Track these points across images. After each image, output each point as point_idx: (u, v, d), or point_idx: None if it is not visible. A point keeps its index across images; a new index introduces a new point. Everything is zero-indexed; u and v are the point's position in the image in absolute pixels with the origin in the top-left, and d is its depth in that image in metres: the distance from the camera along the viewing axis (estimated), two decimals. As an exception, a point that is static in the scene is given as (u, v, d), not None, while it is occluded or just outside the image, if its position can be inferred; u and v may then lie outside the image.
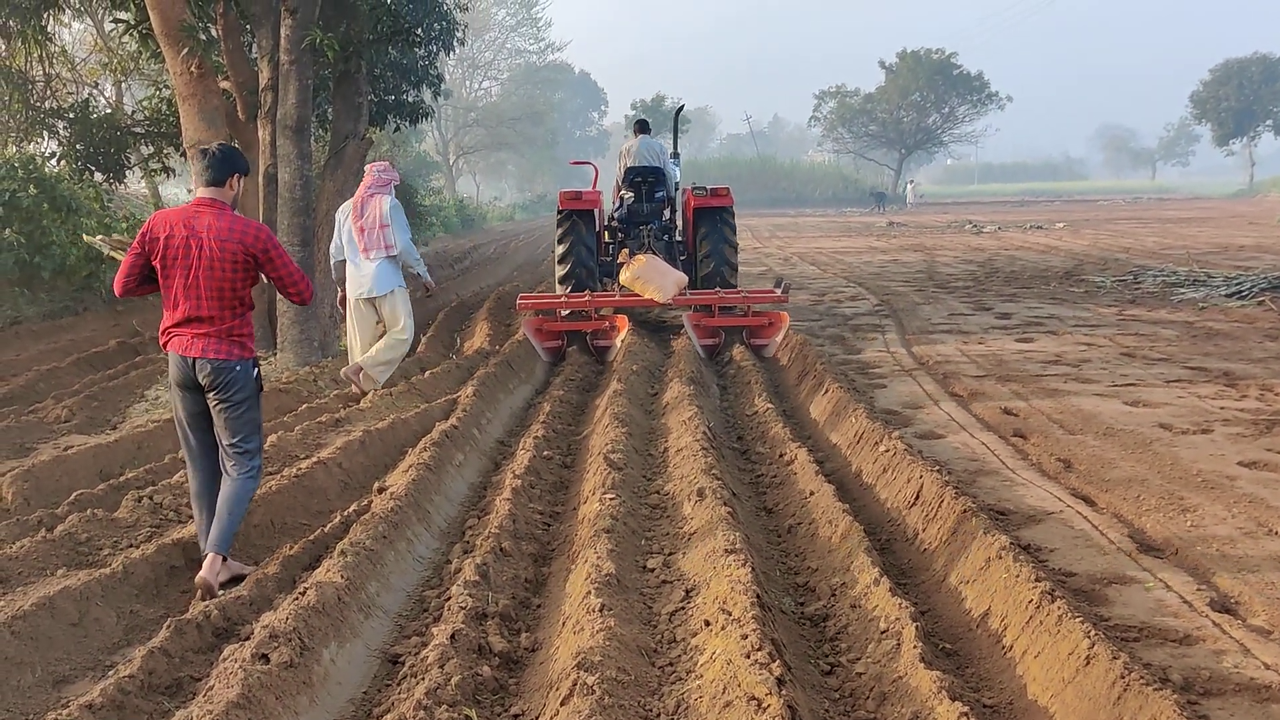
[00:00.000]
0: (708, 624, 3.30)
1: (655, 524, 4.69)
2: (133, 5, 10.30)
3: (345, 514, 4.80)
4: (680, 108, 13.81)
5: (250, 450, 4.33)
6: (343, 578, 3.71)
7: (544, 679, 3.17)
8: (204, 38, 9.59)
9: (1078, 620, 3.07)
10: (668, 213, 11.10)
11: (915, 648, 3.09)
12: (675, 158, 11.78)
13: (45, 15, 12.69)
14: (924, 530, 4.35)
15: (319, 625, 3.37)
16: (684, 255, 10.98)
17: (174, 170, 14.23)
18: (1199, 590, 3.75)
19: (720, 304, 9.54)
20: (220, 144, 4.44)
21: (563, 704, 2.83)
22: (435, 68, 13.88)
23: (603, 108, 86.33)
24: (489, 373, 7.73)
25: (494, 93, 69.90)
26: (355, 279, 7.62)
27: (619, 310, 9.85)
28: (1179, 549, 4.16)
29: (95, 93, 17.39)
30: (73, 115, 13.34)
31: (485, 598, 3.70)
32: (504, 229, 43.27)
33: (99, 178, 13.35)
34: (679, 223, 11.43)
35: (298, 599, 3.47)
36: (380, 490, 5.09)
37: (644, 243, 10.53)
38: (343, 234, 7.66)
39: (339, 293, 8.00)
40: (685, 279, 9.67)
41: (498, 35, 68.37)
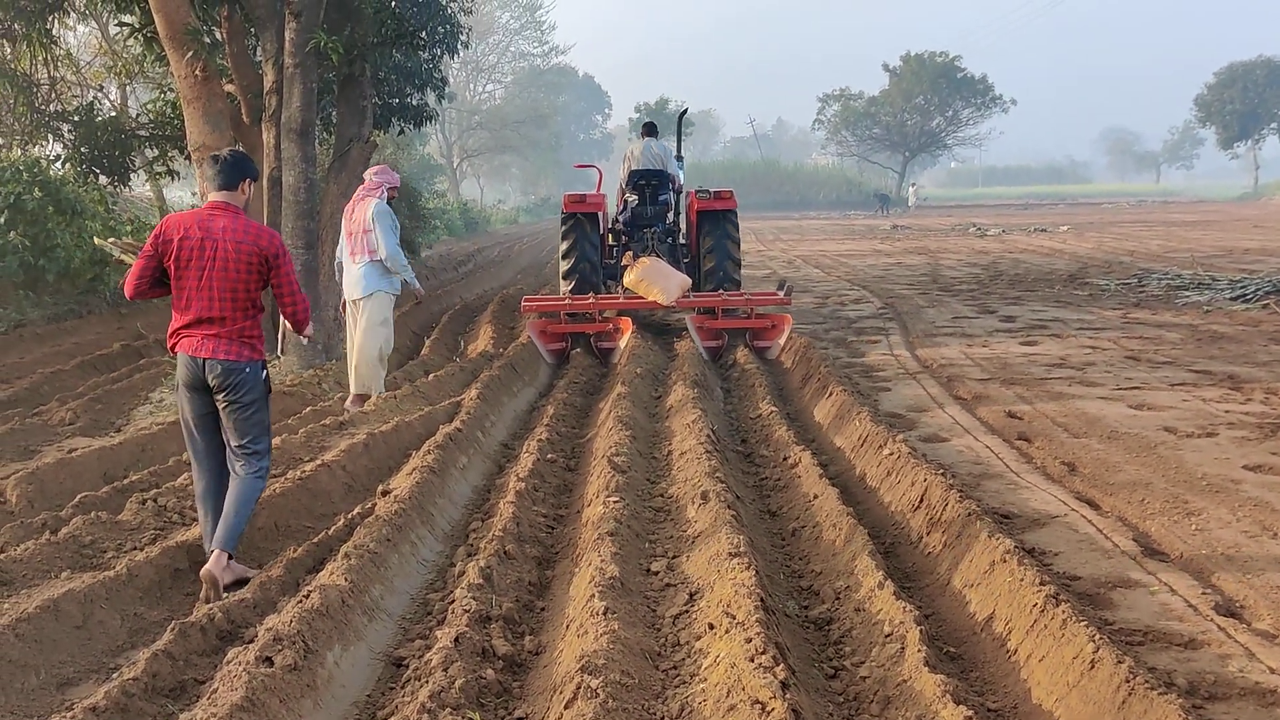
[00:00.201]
0: (711, 627, 3.30)
1: (659, 527, 4.69)
2: (137, 8, 10.32)
3: (349, 517, 4.81)
4: (684, 111, 13.83)
5: (259, 451, 4.35)
6: (346, 580, 3.71)
7: (548, 682, 3.17)
8: (208, 41, 9.62)
9: (1082, 624, 3.07)
10: (671, 215, 11.13)
11: (919, 651, 3.08)
12: (679, 160, 11.80)
13: (50, 18, 12.75)
14: (928, 534, 4.34)
15: (323, 628, 3.37)
16: (688, 258, 11.01)
17: (178, 173, 14.27)
18: (1204, 594, 3.74)
19: (723, 306, 9.56)
20: (231, 150, 4.50)
21: (566, 707, 2.83)
22: (439, 71, 13.90)
23: (606, 111, 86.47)
24: (493, 375, 7.74)
25: (498, 96, 70.04)
26: (345, 282, 7.68)
27: (623, 312, 9.88)
28: (1184, 553, 4.15)
29: (100, 96, 17.47)
30: (77, 118, 13.40)
31: (489, 601, 3.70)
32: (508, 232, 43.35)
33: (104, 180, 13.37)
34: (683, 225, 11.47)
35: (301, 602, 3.47)
36: (384, 493, 5.09)
37: (648, 245, 10.55)
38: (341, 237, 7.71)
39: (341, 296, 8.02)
40: (689, 281, 9.69)
41: (502, 38, 68.58)
